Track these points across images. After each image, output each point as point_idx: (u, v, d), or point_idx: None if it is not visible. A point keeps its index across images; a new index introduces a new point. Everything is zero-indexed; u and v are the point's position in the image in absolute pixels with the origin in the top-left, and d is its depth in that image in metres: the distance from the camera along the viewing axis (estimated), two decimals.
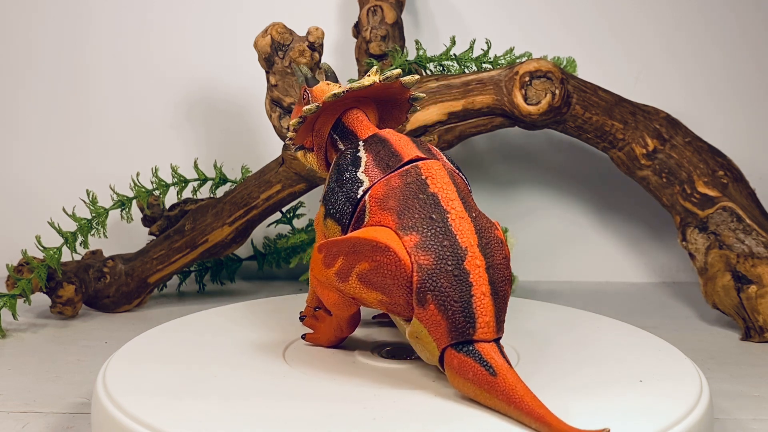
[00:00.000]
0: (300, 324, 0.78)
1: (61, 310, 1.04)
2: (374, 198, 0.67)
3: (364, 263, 0.64)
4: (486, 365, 0.59)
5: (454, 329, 0.61)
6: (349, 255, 0.64)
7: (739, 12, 1.25)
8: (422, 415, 0.59)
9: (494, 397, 0.58)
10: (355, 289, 0.65)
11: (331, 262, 0.65)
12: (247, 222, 1.06)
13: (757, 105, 1.26)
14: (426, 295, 0.61)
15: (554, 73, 1.00)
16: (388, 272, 0.62)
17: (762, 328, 0.95)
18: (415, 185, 0.66)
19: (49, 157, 1.27)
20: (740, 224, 0.98)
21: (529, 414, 0.56)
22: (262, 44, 1.00)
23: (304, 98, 0.77)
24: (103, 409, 0.61)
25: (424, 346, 0.63)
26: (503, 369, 0.59)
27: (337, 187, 0.69)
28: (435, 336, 0.61)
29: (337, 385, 0.64)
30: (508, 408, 0.58)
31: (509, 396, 0.57)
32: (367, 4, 1.14)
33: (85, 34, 1.26)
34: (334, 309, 0.69)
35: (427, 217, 0.64)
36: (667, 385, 0.64)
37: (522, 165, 1.27)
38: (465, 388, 0.61)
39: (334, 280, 0.66)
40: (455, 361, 0.61)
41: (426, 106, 1.02)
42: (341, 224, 0.69)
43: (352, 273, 0.64)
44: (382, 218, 0.65)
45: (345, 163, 0.70)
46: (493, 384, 0.58)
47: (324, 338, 0.74)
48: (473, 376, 0.60)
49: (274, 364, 0.69)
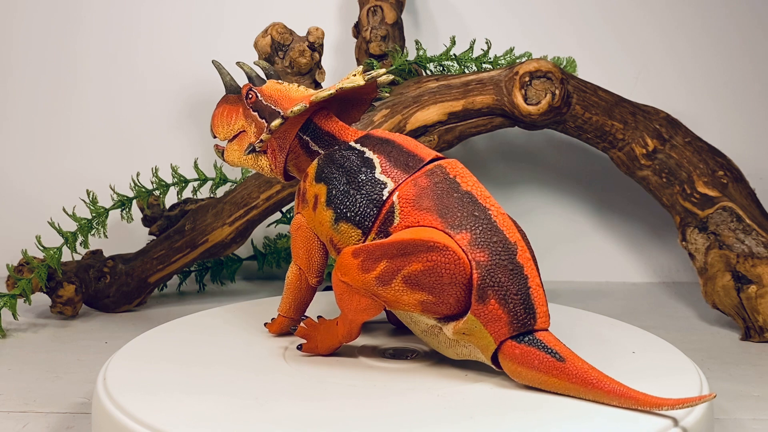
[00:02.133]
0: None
1: (61, 310, 1.04)
2: (405, 199, 0.67)
3: (416, 264, 0.63)
4: (552, 352, 0.61)
5: (515, 321, 0.62)
6: (395, 258, 0.63)
7: (740, 12, 1.25)
8: (423, 414, 0.59)
9: (566, 382, 0.60)
10: (397, 292, 0.64)
11: (370, 267, 0.64)
12: (247, 222, 1.06)
13: (756, 105, 1.26)
14: (487, 291, 0.63)
15: (554, 73, 1.00)
16: (445, 272, 0.63)
17: (762, 328, 0.95)
18: (445, 184, 0.67)
19: (49, 157, 1.27)
20: (740, 224, 0.98)
21: (611, 392, 0.59)
22: (262, 44, 1.00)
23: (249, 97, 0.75)
24: (103, 409, 0.61)
25: (476, 342, 0.64)
26: (569, 354, 0.61)
27: (352, 190, 0.68)
28: (492, 330, 0.63)
29: (337, 385, 0.64)
30: (583, 390, 0.60)
31: (584, 378, 0.60)
32: (367, 4, 1.14)
33: (85, 33, 1.26)
34: (359, 315, 0.67)
35: (471, 215, 0.65)
36: (667, 384, 0.64)
37: (522, 165, 1.27)
38: (529, 377, 0.62)
39: (372, 285, 0.64)
40: (517, 351, 0.62)
41: (426, 106, 1.02)
42: (362, 227, 0.68)
43: (398, 276, 0.63)
44: (419, 218, 0.66)
45: (352, 164, 0.69)
46: (563, 369, 0.61)
47: (323, 346, 0.71)
48: (539, 364, 0.61)
49: (274, 364, 0.69)
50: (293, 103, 0.72)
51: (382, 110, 1.03)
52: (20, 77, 1.27)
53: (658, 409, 0.58)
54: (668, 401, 0.57)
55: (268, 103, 0.74)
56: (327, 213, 0.69)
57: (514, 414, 0.59)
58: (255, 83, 0.76)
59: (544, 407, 0.60)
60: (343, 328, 0.69)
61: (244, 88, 0.76)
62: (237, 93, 0.78)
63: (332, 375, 0.66)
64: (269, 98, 0.74)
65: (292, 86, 0.75)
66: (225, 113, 0.78)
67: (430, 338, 0.68)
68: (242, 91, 0.77)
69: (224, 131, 0.78)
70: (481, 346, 0.64)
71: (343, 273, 0.65)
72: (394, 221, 0.66)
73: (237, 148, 0.78)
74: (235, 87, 0.79)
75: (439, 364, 0.70)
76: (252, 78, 0.76)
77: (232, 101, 0.78)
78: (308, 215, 0.72)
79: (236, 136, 0.77)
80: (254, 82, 0.76)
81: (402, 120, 1.02)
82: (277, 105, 0.74)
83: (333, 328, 0.70)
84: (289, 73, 0.99)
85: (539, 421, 0.58)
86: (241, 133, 0.77)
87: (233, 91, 0.79)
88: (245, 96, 0.76)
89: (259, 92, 0.75)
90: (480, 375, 0.67)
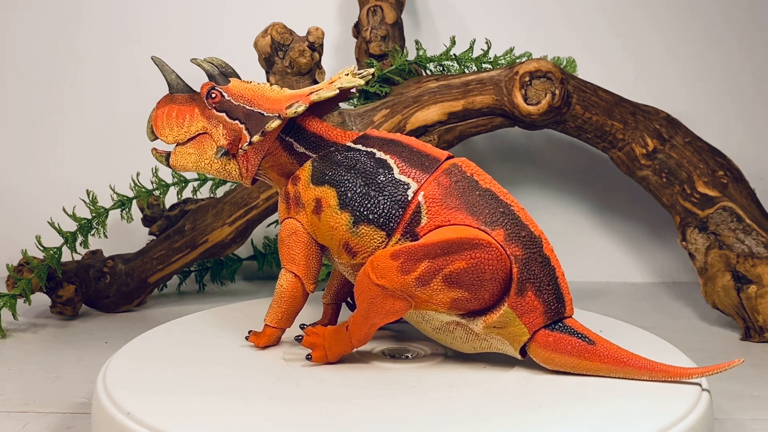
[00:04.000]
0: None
1: (61, 310, 1.04)
2: (431, 198, 0.67)
3: (459, 263, 0.64)
4: (582, 336, 0.65)
5: (549, 311, 0.65)
6: (437, 258, 0.64)
7: (740, 12, 1.25)
8: (423, 414, 0.59)
9: (597, 363, 0.64)
10: (434, 291, 0.64)
11: (411, 268, 0.64)
12: (247, 222, 1.06)
13: (756, 105, 1.26)
14: (525, 283, 0.65)
15: (554, 73, 1.00)
16: (488, 268, 0.64)
17: (762, 328, 0.95)
18: (465, 182, 0.68)
19: (49, 157, 1.27)
20: (740, 224, 0.98)
21: (642, 368, 0.63)
22: (262, 44, 1.00)
23: (212, 97, 0.72)
24: (103, 409, 0.61)
25: (505, 334, 0.66)
26: (596, 336, 0.65)
27: (372, 191, 0.68)
28: (527, 321, 0.65)
29: (337, 385, 0.64)
30: (615, 369, 0.64)
31: (615, 357, 0.64)
32: (367, 4, 1.14)
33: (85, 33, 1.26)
34: (386, 318, 0.66)
35: (497, 211, 0.67)
36: (667, 385, 0.64)
37: (522, 165, 1.27)
38: (562, 363, 0.65)
39: (411, 286, 0.64)
40: (551, 339, 0.65)
41: (426, 106, 1.02)
42: (386, 229, 0.67)
43: (438, 275, 0.64)
44: (450, 217, 0.66)
45: (365, 166, 0.69)
46: (593, 351, 0.64)
47: (333, 353, 0.68)
48: (572, 349, 0.65)
49: (274, 364, 0.69)
50: (274, 103, 0.70)
51: (382, 110, 1.03)
52: (20, 77, 1.27)
53: (687, 378, 0.63)
54: (696, 370, 0.63)
55: (241, 103, 0.71)
56: (342, 216, 0.68)
57: (516, 414, 0.59)
58: (219, 82, 0.72)
59: (545, 407, 0.60)
60: (360, 332, 0.67)
61: (204, 86, 0.73)
62: (185, 92, 0.74)
63: (332, 375, 0.66)
64: (240, 98, 0.71)
65: (263, 85, 0.72)
66: (174, 114, 0.73)
67: (443, 335, 0.68)
68: (202, 90, 0.73)
69: (175, 133, 0.73)
70: (510, 338, 0.66)
71: (379, 276, 0.64)
72: (421, 221, 0.67)
73: (194, 151, 0.73)
74: (183, 85, 0.75)
75: (439, 364, 0.70)
76: (215, 76, 0.72)
77: (181, 101, 0.74)
78: (307, 220, 0.70)
79: (192, 138, 0.73)
80: (218, 80, 0.72)
81: (402, 120, 1.02)
82: (254, 105, 0.71)
83: (343, 334, 0.68)
84: (289, 73, 0.99)
85: (540, 422, 0.58)
86: (199, 135, 0.73)
87: (180, 90, 0.74)
88: (206, 95, 0.72)
89: (226, 91, 0.72)
90: (480, 375, 0.67)
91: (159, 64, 0.75)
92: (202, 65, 0.73)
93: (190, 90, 0.75)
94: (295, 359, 0.70)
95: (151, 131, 0.75)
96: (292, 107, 0.68)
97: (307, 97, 0.70)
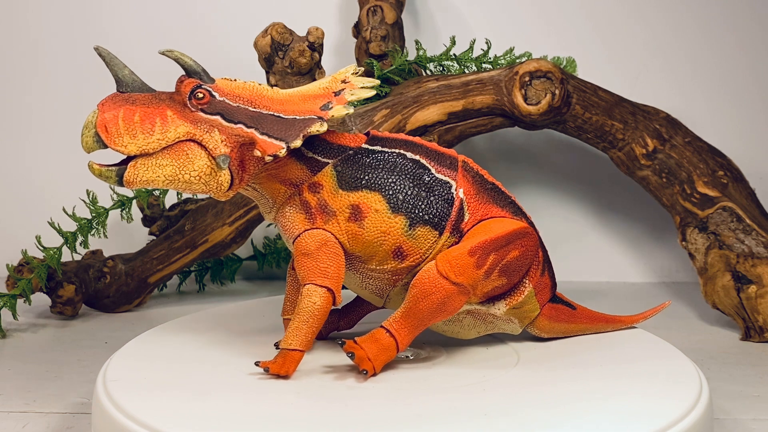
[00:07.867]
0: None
1: (61, 310, 1.04)
2: (469, 195, 0.69)
3: (513, 252, 0.67)
4: (567, 304, 0.74)
5: (553, 287, 0.73)
6: (500, 249, 0.66)
7: (740, 12, 1.25)
8: (423, 414, 0.59)
9: (580, 323, 0.74)
10: (492, 282, 0.67)
11: (483, 262, 0.66)
12: (247, 222, 1.06)
13: (756, 105, 1.26)
14: (545, 264, 0.72)
15: (554, 73, 1.00)
16: (531, 254, 0.69)
17: (762, 328, 0.95)
18: (479, 178, 0.71)
19: (49, 156, 1.27)
20: (740, 224, 0.98)
21: (608, 321, 0.76)
22: (262, 44, 1.00)
23: (198, 97, 0.62)
24: (103, 409, 0.61)
25: (520, 313, 0.71)
26: (572, 301, 0.75)
27: (423, 192, 0.68)
28: (541, 298, 0.71)
29: (337, 386, 0.64)
30: (592, 326, 0.75)
31: (592, 317, 0.75)
32: (367, 4, 1.14)
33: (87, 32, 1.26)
34: (447, 315, 0.66)
35: (510, 203, 0.71)
36: (667, 385, 0.64)
37: (522, 165, 1.27)
38: (557, 329, 0.74)
39: (480, 279, 0.66)
40: (552, 311, 0.73)
41: (426, 106, 1.02)
42: (439, 228, 0.68)
43: (498, 266, 0.66)
44: (488, 211, 0.69)
45: (405, 167, 0.68)
46: (576, 315, 0.74)
47: (378, 362, 0.65)
48: (564, 316, 0.73)
49: None
50: (286, 104, 0.65)
51: (382, 110, 1.03)
52: (20, 78, 1.27)
53: (627, 324, 0.77)
54: (633, 318, 0.78)
55: (240, 104, 0.64)
56: (396, 220, 0.66)
57: (516, 414, 0.59)
58: (204, 79, 0.63)
59: (545, 407, 0.60)
60: (413, 335, 0.66)
61: (185, 84, 0.63)
62: (143, 91, 0.63)
63: (332, 375, 0.66)
64: (237, 98, 0.63)
65: (252, 83, 0.65)
66: (136, 118, 0.61)
67: (452, 325, 0.71)
68: (180, 88, 0.63)
69: (140, 142, 0.61)
70: (522, 317, 0.71)
71: (458, 274, 0.65)
72: (464, 218, 0.68)
73: (169, 162, 0.62)
74: (139, 83, 0.63)
75: (439, 364, 0.70)
76: (198, 73, 0.63)
77: (143, 102, 0.62)
78: (342, 228, 0.66)
79: (168, 147, 0.62)
80: (203, 78, 0.63)
81: (402, 120, 1.02)
82: (259, 106, 0.64)
83: (386, 341, 0.65)
84: (289, 73, 0.99)
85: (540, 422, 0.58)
86: (180, 143, 0.62)
87: (137, 88, 0.63)
88: (191, 95, 0.63)
89: (216, 90, 0.63)
90: (480, 375, 0.67)
91: (106, 57, 0.63)
92: (181, 59, 0.63)
93: (149, 89, 0.64)
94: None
95: (96, 140, 0.61)
96: (333, 109, 0.64)
97: (341, 97, 0.65)
